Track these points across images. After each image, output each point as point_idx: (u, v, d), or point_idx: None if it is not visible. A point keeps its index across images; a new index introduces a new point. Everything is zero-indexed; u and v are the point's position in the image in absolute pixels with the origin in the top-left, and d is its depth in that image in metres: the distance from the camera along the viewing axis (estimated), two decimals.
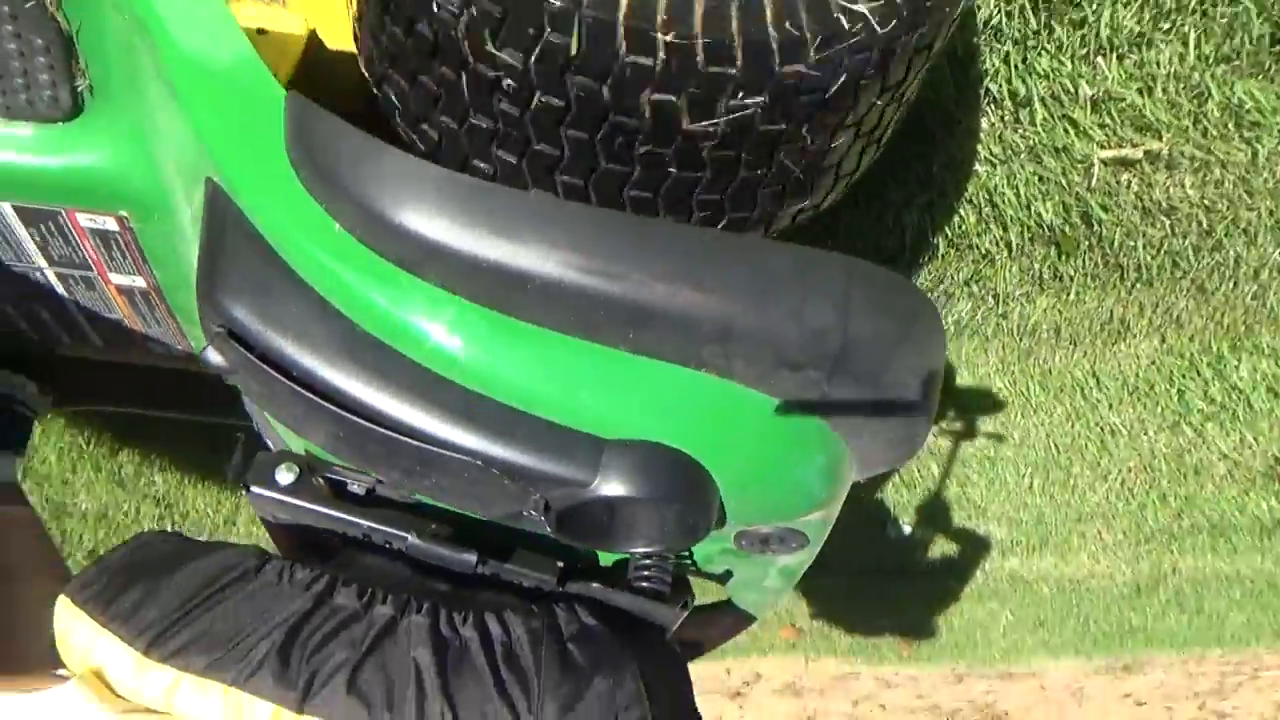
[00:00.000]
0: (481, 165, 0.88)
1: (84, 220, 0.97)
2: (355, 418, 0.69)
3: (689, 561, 0.99)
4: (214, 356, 0.74)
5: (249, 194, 0.72)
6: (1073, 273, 1.88)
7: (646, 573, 0.89)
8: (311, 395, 0.69)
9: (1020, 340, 2.17)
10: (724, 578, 1.04)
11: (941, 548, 3.23)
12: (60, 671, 0.72)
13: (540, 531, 0.77)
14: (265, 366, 0.70)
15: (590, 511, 0.72)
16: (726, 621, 1.21)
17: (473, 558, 0.81)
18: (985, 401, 2.40)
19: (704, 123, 0.78)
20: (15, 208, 0.96)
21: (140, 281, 1.05)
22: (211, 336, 0.74)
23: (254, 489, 0.82)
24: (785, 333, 0.68)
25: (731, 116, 0.78)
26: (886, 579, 3.53)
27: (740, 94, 0.76)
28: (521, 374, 0.69)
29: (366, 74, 0.93)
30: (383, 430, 0.69)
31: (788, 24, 0.74)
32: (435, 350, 0.69)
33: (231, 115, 0.72)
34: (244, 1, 1.20)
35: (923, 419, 0.79)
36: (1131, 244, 1.81)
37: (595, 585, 0.87)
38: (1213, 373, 2.41)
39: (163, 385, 1.34)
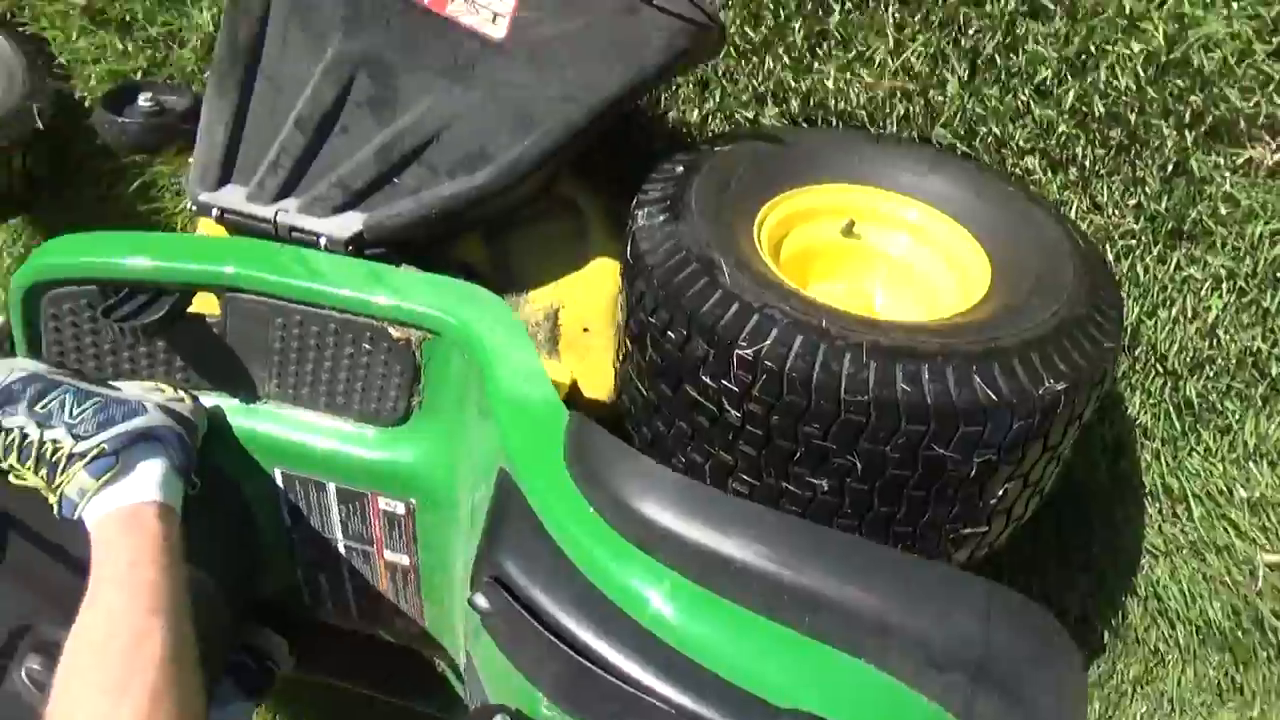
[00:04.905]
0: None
1: (382, 503, 1.23)
2: (581, 659, 0.88)
3: None
4: (481, 600, 0.96)
5: (531, 481, 0.97)
6: (1254, 686, 1.82)
7: None
8: (551, 636, 0.89)
9: None
10: None
11: None
12: None
13: None
14: (519, 608, 0.91)
15: None
16: None
17: None
18: None
19: (903, 470, 0.97)
20: (338, 488, 1.23)
21: (405, 560, 1.28)
22: (482, 584, 0.96)
23: None
24: (933, 634, 0.83)
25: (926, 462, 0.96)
26: None
27: (934, 445, 0.94)
28: (718, 641, 0.86)
29: (626, 420, 1.20)
30: (600, 672, 0.87)
31: (967, 392, 0.93)
32: (654, 614, 0.88)
33: (529, 425, 1.01)
34: None
35: None
36: None
37: None
38: None
39: (385, 667, 1.53)
